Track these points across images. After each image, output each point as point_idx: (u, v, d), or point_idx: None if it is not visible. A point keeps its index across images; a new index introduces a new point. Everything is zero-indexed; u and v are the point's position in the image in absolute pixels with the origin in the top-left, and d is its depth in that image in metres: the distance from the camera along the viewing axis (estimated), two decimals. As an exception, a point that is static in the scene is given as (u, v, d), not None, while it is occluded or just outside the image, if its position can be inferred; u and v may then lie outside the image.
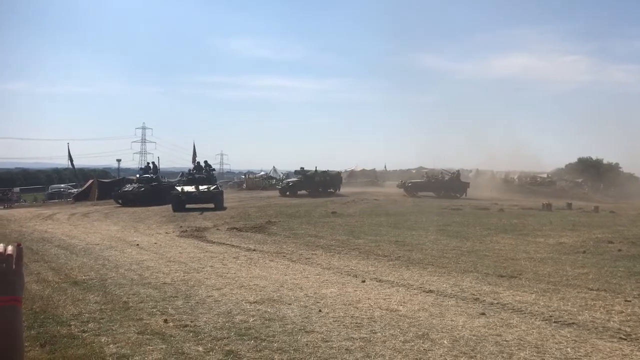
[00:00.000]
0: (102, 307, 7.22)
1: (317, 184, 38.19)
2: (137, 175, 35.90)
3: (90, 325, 6.31)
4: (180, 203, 25.96)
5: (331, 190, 38.37)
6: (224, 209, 25.58)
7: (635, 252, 12.36)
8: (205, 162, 32.61)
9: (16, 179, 68.51)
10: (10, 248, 1.37)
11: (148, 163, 38.93)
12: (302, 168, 41.28)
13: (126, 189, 32.81)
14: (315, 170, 39.78)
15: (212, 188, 27.43)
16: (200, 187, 27.10)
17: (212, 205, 26.32)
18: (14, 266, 1.36)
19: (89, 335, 5.89)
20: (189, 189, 26.99)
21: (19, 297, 1.36)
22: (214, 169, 34.33)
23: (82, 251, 13.12)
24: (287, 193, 37.26)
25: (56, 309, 7.10)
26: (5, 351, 1.31)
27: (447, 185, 39.45)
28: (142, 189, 32.37)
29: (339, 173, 43.46)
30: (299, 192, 37.56)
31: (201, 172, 30.78)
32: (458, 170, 42.84)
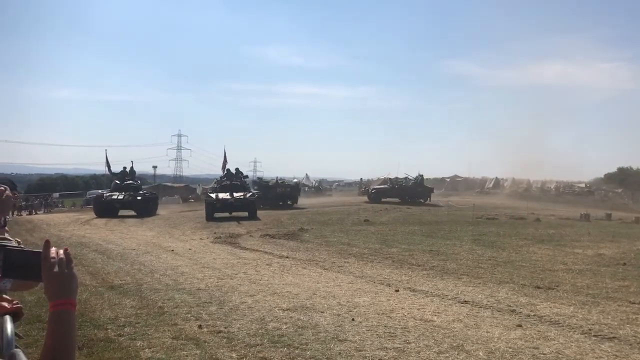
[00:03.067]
0: (138, 311, 7.33)
1: (277, 196, 34.40)
2: (115, 182, 31.14)
3: (126, 329, 6.41)
4: (215, 211, 25.25)
5: (289, 202, 34.75)
6: (258, 218, 24.81)
7: (678, 265, 11.95)
8: (237, 169, 30.77)
9: (56, 184, 70.26)
10: (61, 252, 1.40)
11: (124, 167, 32.90)
12: (259, 178, 39.39)
13: (114, 197, 29.00)
14: (277, 181, 36.95)
15: (247, 195, 26.61)
16: (235, 195, 26.23)
17: (245, 214, 25.37)
18: (66, 270, 1.38)
19: (125, 340, 5.98)
20: (224, 196, 26.13)
21: (73, 300, 1.38)
22: (246, 176, 32.81)
23: (118, 256, 13.35)
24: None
25: (93, 313, 7.23)
26: (60, 353, 1.33)
27: (411, 191, 38.20)
28: (139, 197, 29.46)
29: (297, 184, 41.33)
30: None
31: (234, 179, 29.17)
32: (422, 175, 40.49)
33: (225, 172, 30.93)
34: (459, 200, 40.17)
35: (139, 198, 29.16)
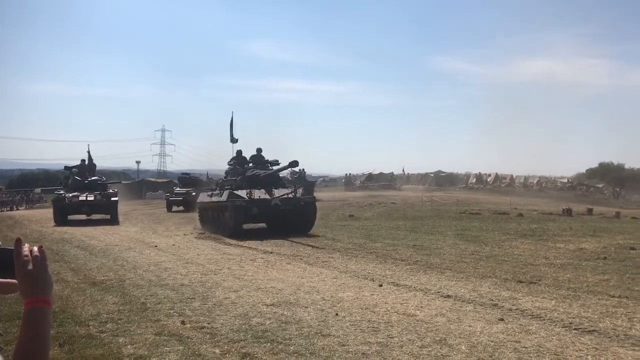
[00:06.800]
0: (120, 307, 7.28)
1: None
2: (75, 178, 24.75)
3: (108, 325, 6.36)
4: (248, 218, 17.43)
5: None
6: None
7: (658, 258, 12.13)
8: (259, 150, 20.68)
9: (38, 179, 69.37)
10: (35, 249, 1.37)
11: (83, 160, 26.15)
12: (185, 174, 34.81)
13: (82, 198, 22.94)
14: (207, 176, 34.15)
15: (298, 194, 18.38)
16: (275, 192, 17.82)
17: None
18: (40, 267, 1.36)
19: (107, 336, 5.93)
20: (261, 194, 17.39)
21: (48, 297, 1.36)
22: (276, 161, 20.65)
23: (101, 252, 13.25)
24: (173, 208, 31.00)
25: (75, 309, 7.17)
26: (32, 352, 1.31)
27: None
28: (114, 198, 23.51)
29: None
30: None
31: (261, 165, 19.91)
32: (303, 169, 38.19)
33: (237, 153, 20.80)
34: (443, 196, 40.38)
35: (114, 199, 23.44)
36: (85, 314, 6.94)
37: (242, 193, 16.91)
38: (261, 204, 16.81)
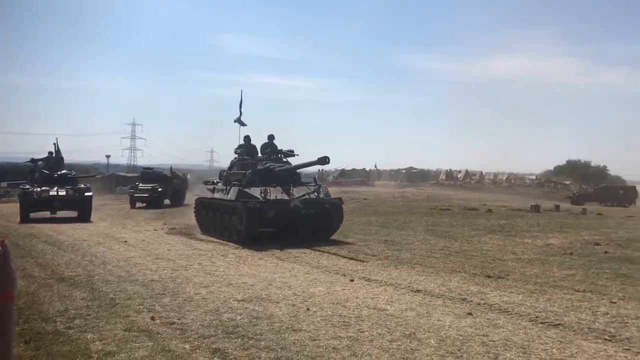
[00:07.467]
0: (89, 303, 7.18)
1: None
2: (43, 171, 22.72)
3: (76, 322, 6.27)
4: (265, 223, 14.54)
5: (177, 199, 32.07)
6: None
7: (621, 254, 12.46)
8: (271, 136, 16.90)
9: (4, 173, 67.79)
10: None
11: (50, 152, 24.11)
12: (148, 168, 34.03)
13: (52, 193, 21.10)
14: (171, 171, 33.65)
15: (320, 194, 15.53)
16: (294, 192, 14.95)
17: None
18: (3, 263, 1.34)
19: (75, 332, 5.85)
20: (279, 194, 14.58)
21: (10, 293, 1.34)
22: (291, 151, 17.48)
23: (69, 247, 13.04)
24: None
25: (42, 306, 7.05)
26: None
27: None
28: (88, 193, 21.79)
29: (186, 177, 35.99)
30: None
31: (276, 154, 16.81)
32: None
33: (245, 140, 17.22)
34: (414, 192, 40.77)
35: (88, 194, 21.72)
36: (53, 310, 6.83)
37: (255, 191, 14.18)
38: (278, 205, 14.01)
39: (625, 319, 6.60)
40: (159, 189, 30.31)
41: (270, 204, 13.91)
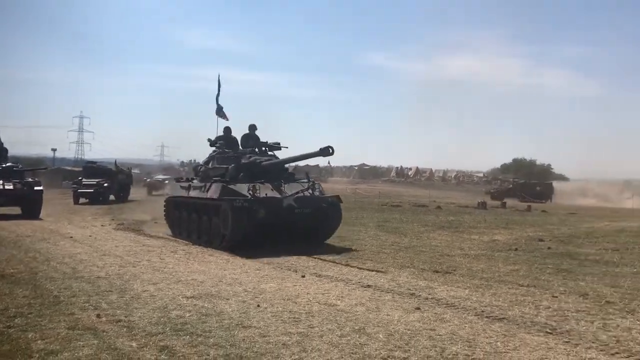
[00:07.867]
0: (31, 301, 6.95)
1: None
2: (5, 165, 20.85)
3: (17, 320, 6.05)
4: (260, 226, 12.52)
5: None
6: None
7: (563, 250, 12.93)
8: (253, 126, 15.47)
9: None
10: None
11: None
12: (91, 162, 33.42)
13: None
14: (116, 165, 33.00)
15: (316, 191, 14.02)
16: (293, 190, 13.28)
17: None
18: None
19: (15, 331, 5.65)
20: (271, 192, 12.71)
21: None
22: (277, 144, 15.73)
23: (11, 243, 12.59)
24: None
25: (-20, 304, 6.78)
26: None
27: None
28: (37, 187, 20.36)
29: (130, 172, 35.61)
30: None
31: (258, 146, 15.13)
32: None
33: (225, 131, 15.47)
34: (366, 188, 41.14)
35: (38, 189, 20.33)
36: (-8, 308, 6.58)
37: (241, 188, 12.33)
38: (269, 204, 12.19)
39: (565, 313, 6.85)
40: (105, 184, 29.34)
41: (261, 202, 12.09)
